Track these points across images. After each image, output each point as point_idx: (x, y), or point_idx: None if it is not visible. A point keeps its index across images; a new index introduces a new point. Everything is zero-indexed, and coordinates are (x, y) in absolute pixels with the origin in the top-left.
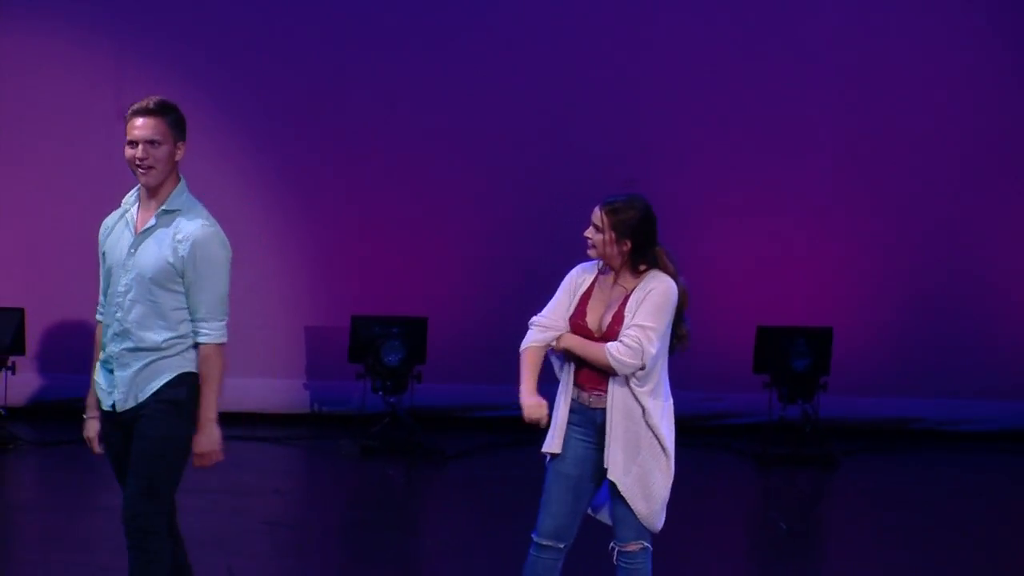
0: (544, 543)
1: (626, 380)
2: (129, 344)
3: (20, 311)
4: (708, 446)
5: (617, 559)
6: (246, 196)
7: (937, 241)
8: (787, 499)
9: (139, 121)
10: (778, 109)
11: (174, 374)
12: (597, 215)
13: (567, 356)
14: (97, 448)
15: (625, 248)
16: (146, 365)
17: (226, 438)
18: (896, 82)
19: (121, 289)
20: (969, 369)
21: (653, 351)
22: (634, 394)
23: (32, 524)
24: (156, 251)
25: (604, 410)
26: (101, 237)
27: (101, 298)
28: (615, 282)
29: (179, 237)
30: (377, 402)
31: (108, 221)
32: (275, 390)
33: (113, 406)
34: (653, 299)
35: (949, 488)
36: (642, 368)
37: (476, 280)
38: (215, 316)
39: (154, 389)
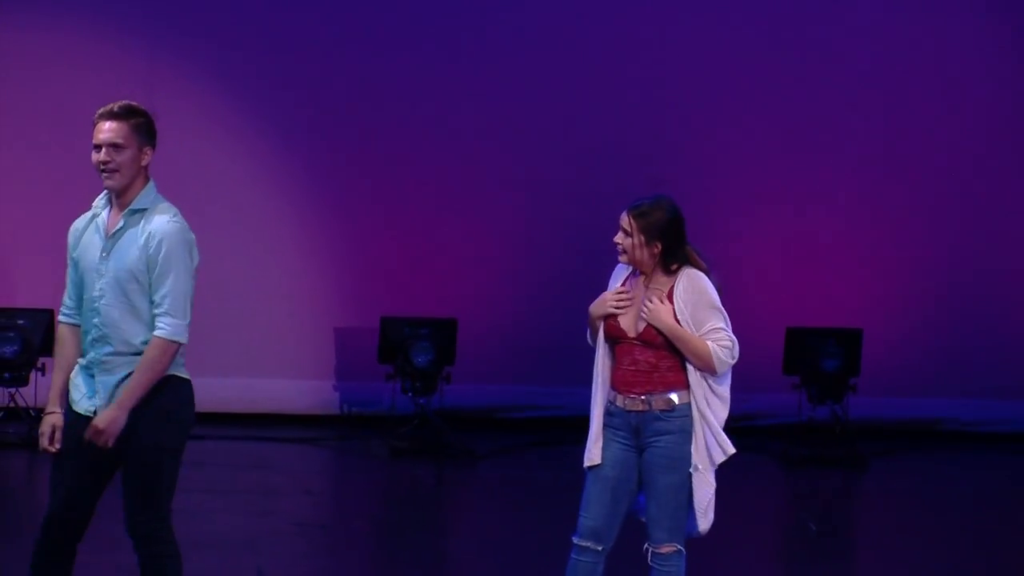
0: (583, 544)
1: (704, 378)
2: (109, 348)
3: (50, 312)
4: (737, 447)
5: (651, 560)
6: (276, 198)
7: (967, 242)
8: (816, 500)
9: (104, 125)
10: (807, 109)
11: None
12: (625, 219)
13: (604, 358)
14: (48, 444)
15: (656, 250)
16: (131, 373)
17: (256, 439)
18: (926, 82)
19: (96, 294)
20: (999, 370)
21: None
22: (714, 391)
23: None
24: (128, 252)
25: (639, 413)
26: (71, 241)
27: (67, 300)
28: (647, 285)
29: (149, 232)
30: (407, 403)
31: (78, 224)
32: (305, 391)
33: (94, 412)
34: (707, 301)
35: (979, 489)
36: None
37: (505, 282)
38: (177, 313)
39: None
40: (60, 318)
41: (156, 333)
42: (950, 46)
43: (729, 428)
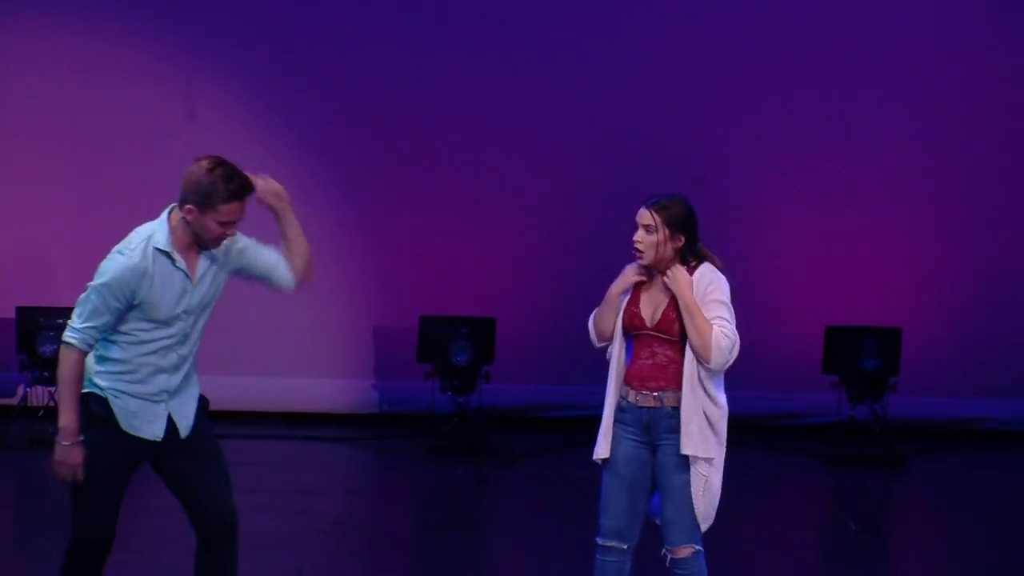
0: (608, 544)
1: (698, 371)
2: (184, 373)
3: None
4: (777, 446)
5: (671, 564)
6: (314, 198)
7: (1006, 240)
8: (856, 499)
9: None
10: (845, 108)
11: (198, 387)
12: (646, 215)
13: (620, 352)
14: (81, 476)
15: (679, 244)
16: (192, 387)
17: (295, 438)
18: (964, 81)
19: (187, 331)
20: None
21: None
22: (703, 387)
23: None
24: (216, 282)
25: (652, 409)
26: (133, 284)
27: (96, 333)
28: (661, 279)
29: (229, 253)
30: (446, 402)
31: (141, 267)
32: (344, 390)
33: (176, 432)
34: (717, 295)
35: (1018, 489)
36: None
37: (544, 281)
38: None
39: (197, 409)
40: (84, 346)
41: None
42: (989, 48)
43: (768, 427)
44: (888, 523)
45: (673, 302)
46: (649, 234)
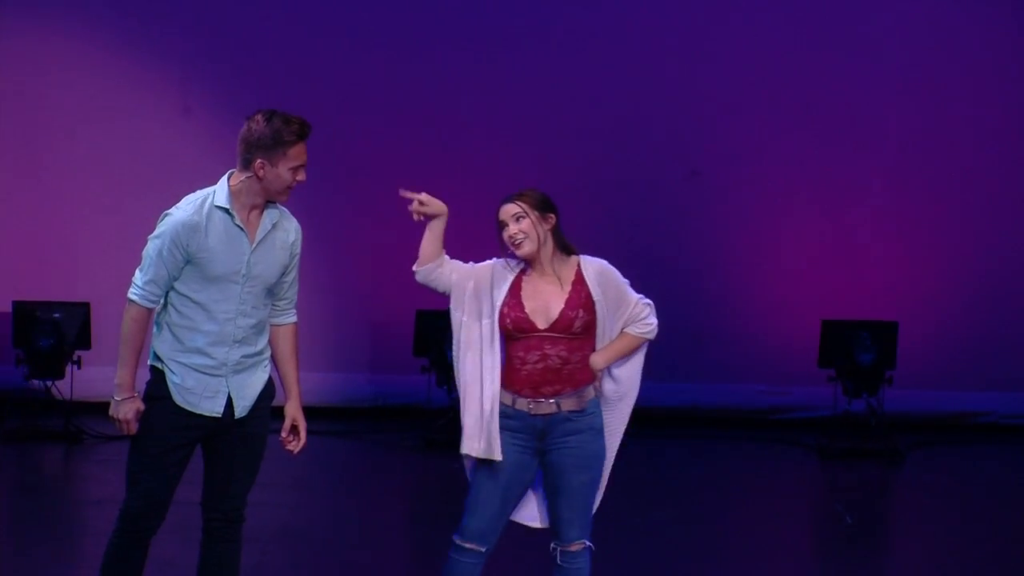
0: (466, 546)
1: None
2: (248, 350)
3: (86, 305)
4: (773, 440)
5: (560, 559)
6: (311, 191)
7: (1003, 235)
8: (852, 493)
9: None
10: (843, 103)
11: (268, 374)
12: (510, 208)
13: (492, 354)
14: (134, 429)
15: (551, 223)
16: (259, 372)
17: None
18: (963, 76)
19: (245, 299)
20: None
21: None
22: (611, 374)
23: (101, 519)
24: (275, 257)
25: (546, 416)
26: (184, 237)
27: (156, 288)
28: (545, 272)
29: (291, 238)
30: (442, 396)
31: (194, 221)
32: (340, 384)
33: (230, 412)
34: (619, 281)
35: (1015, 482)
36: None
37: None
38: (295, 304)
39: (260, 393)
40: (145, 302)
41: (292, 320)
42: (988, 42)
43: (765, 421)
44: (884, 516)
45: (570, 300)
46: (520, 221)
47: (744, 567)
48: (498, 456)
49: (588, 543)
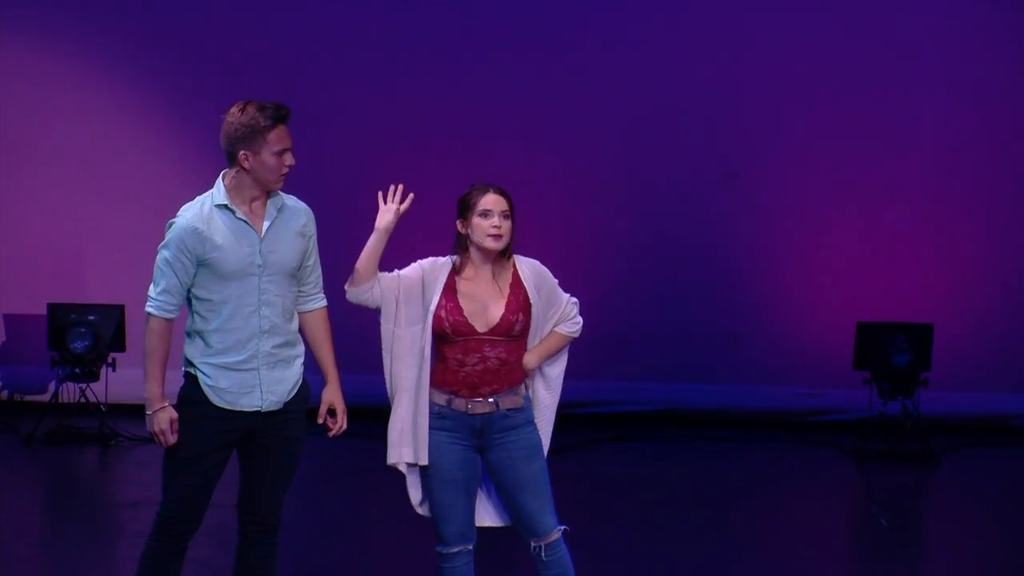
0: (453, 551)
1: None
2: (277, 340)
3: (121, 308)
4: (808, 442)
5: (544, 554)
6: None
7: None
8: (887, 495)
9: (285, 130)
10: (880, 104)
11: (301, 372)
12: (501, 202)
13: (422, 357)
14: (172, 439)
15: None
16: (291, 369)
17: None
18: (1001, 78)
19: (265, 285)
20: None
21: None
22: (542, 372)
23: (137, 521)
24: (288, 243)
25: (485, 415)
26: (190, 242)
27: (170, 298)
28: (482, 273)
29: (301, 221)
30: None
31: (197, 225)
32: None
33: (258, 408)
34: (552, 282)
35: None
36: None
37: (577, 278)
38: (321, 287)
39: (295, 390)
40: (162, 313)
41: (319, 306)
42: None
43: (800, 423)
44: (919, 519)
45: (509, 304)
46: (506, 219)
47: (779, 569)
48: (424, 461)
49: (563, 526)
